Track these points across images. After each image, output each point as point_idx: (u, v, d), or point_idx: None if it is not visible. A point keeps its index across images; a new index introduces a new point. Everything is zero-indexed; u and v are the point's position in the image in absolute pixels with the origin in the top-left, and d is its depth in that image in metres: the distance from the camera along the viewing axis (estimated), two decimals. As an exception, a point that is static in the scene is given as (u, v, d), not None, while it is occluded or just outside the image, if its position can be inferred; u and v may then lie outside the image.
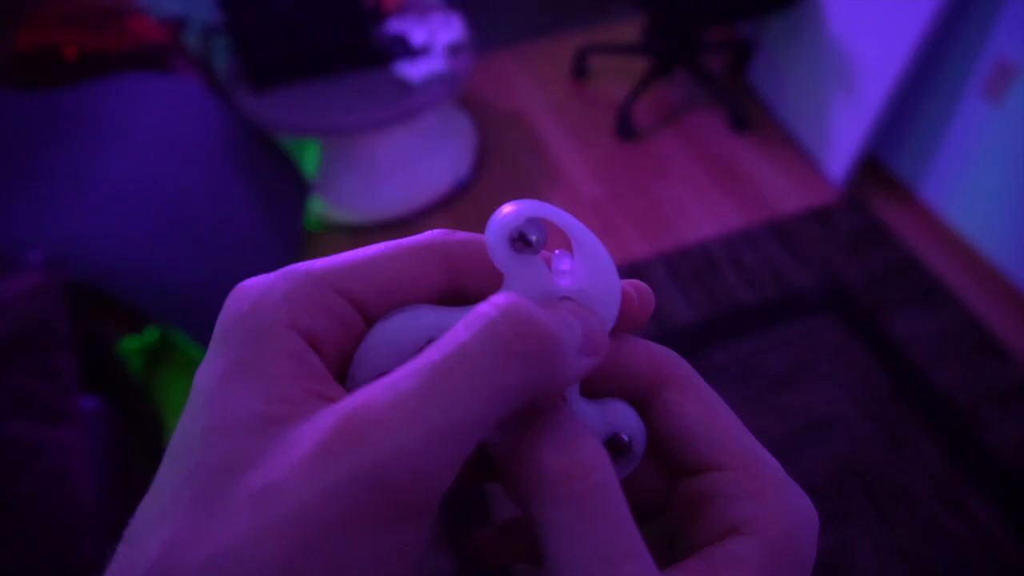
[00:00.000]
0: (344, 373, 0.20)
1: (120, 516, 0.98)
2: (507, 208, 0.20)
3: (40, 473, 0.87)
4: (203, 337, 1.32)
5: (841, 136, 1.96)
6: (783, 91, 2.19)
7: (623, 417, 0.21)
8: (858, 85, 1.87)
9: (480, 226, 0.22)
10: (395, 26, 1.78)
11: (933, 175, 1.89)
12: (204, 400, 0.17)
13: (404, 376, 0.16)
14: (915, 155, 1.93)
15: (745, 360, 1.49)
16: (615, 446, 0.21)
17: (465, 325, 0.17)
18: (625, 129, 2.16)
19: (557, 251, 0.21)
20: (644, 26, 2.29)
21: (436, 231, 0.21)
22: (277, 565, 0.15)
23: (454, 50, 1.77)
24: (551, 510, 0.17)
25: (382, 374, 0.18)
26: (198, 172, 1.45)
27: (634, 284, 0.22)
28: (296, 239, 1.74)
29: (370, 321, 0.20)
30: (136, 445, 1.18)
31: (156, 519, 0.16)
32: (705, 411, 0.21)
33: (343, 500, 0.15)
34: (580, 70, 2.36)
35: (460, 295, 0.21)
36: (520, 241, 0.19)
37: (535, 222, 0.20)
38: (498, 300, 0.17)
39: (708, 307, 1.62)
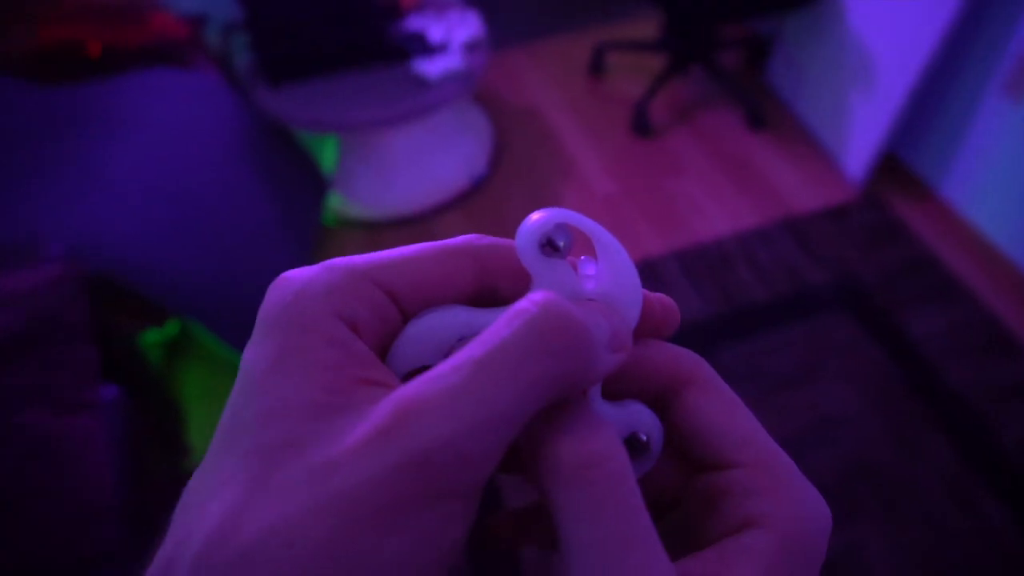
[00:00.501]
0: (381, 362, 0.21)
1: (137, 506, 1.00)
2: (537, 215, 0.21)
3: (58, 462, 0.89)
4: (220, 330, 1.34)
5: (860, 134, 1.95)
6: (801, 88, 2.18)
7: (642, 418, 0.22)
8: (878, 82, 1.86)
9: (494, 223, 0.23)
10: (412, 23, 1.79)
11: (953, 173, 1.87)
12: (256, 386, 0.18)
13: (451, 370, 0.17)
14: (935, 153, 1.91)
15: (758, 357, 1.48)
16: (633, 445, 0.22)
17: (506, 322, 0.18)
18: (641, 126, 2.16)
19: (583, 257, 0.23)
20: (661, 23, 2.28)
21: (469, 236, 0.22)
22: (329, 539, 0.16)
23: (471, 47, 1.78)
24: (566, 496, 0.18)
25: (417, 368, 0.20)
26: (217, 167, 1.47)
27: (659, 297, 0.23)
28: (313, 234, 1.76)
29: (405, 315, 0.21)
30: (154, 437, 1.20)
31: (213, 491, 0.17)
32: (724, 410, 0.21)
33: (394, 481, 0.16)
34: (596, 67, 2.36)
35: (490, 296, 0.22)
36: (548, 246, 0.21)
37: (562, 228, 0.21)
38: (536, 297, 0.18)
39: (721, 304, 1.62)
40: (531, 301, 0.18)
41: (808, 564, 0.19)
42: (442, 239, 0.22)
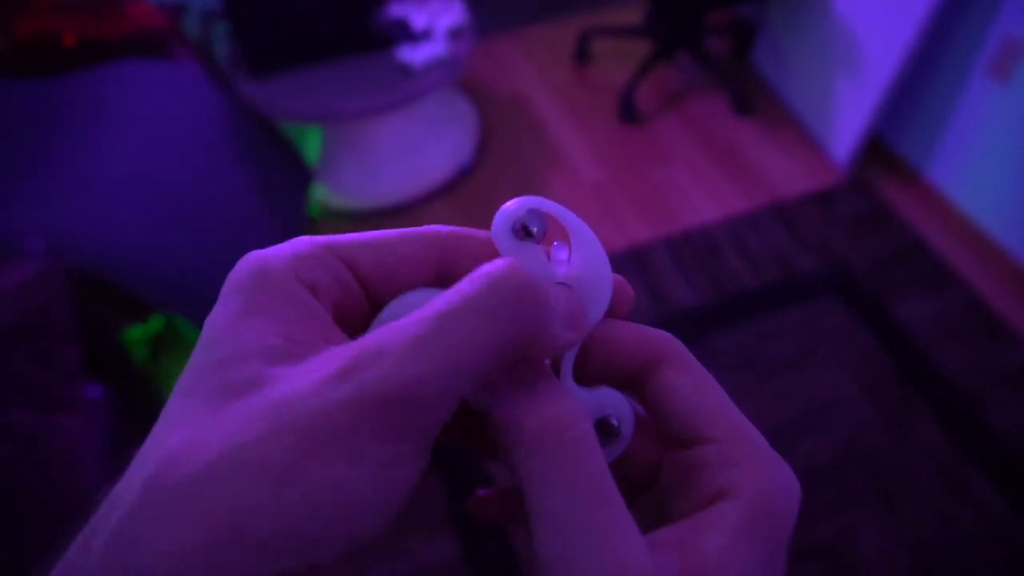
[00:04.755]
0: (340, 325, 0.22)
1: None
2: (511, 201, 0.22)
3: (43, 461, 0.87)
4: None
5: (845, 118, 1.95)
6: (787, 73, 2.17)
7: (613, 402, 0.23)
8: (863, 66, 1.85)
9: (481, 211, 0.24)
10: (395, 10, 1.77)
11: (939, 156, 1.87)
12: (216, 338, 0.19)
13: (414, 322, 0.18)
14: (920, 136, 1.92)
15: (748, 344, 1.48)
16: (605, 429, 0.22)
17: (470, 281, 0.19)
18: (627, 113, 2.15)
19: (556, 243, 0.23)
20: (646, 9, 2.27)
21: (433, 225, 0.23)
22: (287, 462, 0.16)
23: (455, 34, 1.76)
24: (530, 461, 0.19)
25: None
26: (198, 159, 1.45)
27: (615, 277, 0.24)
28: (298, 225, 1.74)
29: (368, 292, 0.22)
30: (140, 434, 1.18)
31: (172, 426, 0.18)
32: (696, 388, 0.22)
33: (349, 414, 0.17)
34: (582, 54, 2.35)
35: (449, 281, 0.23)
36: (522, 231, 0.22)
37: (536, 214, 0.22)
38: (499, 262, 0.19)
39: (711, 291, 1.62)
40: (495, 265, 0.19)
41: (777, 533, 0.20)
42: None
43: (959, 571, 1.19)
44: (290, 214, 1.71)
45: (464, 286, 0.19)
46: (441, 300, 0.18)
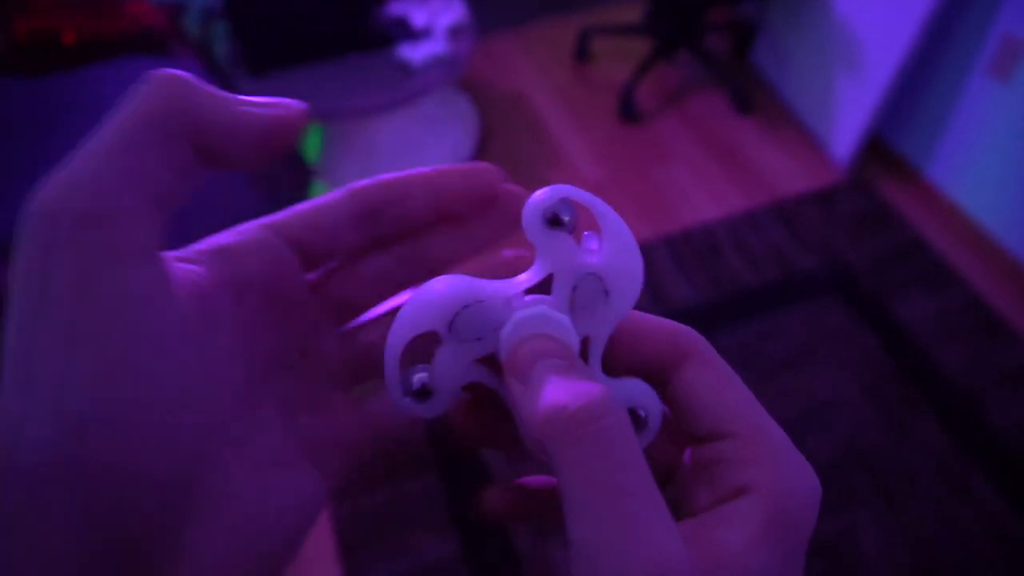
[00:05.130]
0: None
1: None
2: (542, 190, 0.22)
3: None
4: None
5: (846, 117, 1.94)
6: (787, 72, 2.17)
7: (641, 394, 0.23)
8: (863, 65, 1.85)
9: None
10: (395, 8, 1.77)
11: (939, 155, 1.87)
12: None
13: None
14: (921, 135, 1.92)
15: (748, 343, 1.48)
16: (632, 420, 0.22)
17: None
18: (627, 112, 2.15)
19: (586, 232, 0.23)
20: (646, 7, 2.26)
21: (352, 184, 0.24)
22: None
23: (455, 32, 1.75)
24: (565, 450, 0.18)
25: (420, 333, 0.21)
26: (198, 158, 1.45)
27: None
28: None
29: (307, 258, 0.23)
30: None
31: None
32: (719, 383, 0.22)
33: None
34: (582, 52, 2.34)
35: (388, 225, 0.24)
36: (552, 220, 0.21)
37: (567, 203, 0.22)
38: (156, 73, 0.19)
39: (710, 290, 1.61)
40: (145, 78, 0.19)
41: (796, 531, 0.20)
42: None
43: (959, 569, 1.19)
44: (290, 213, 1.71)
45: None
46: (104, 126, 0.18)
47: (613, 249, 0.22)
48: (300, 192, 1.80)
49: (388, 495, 1.36)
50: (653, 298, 1.63)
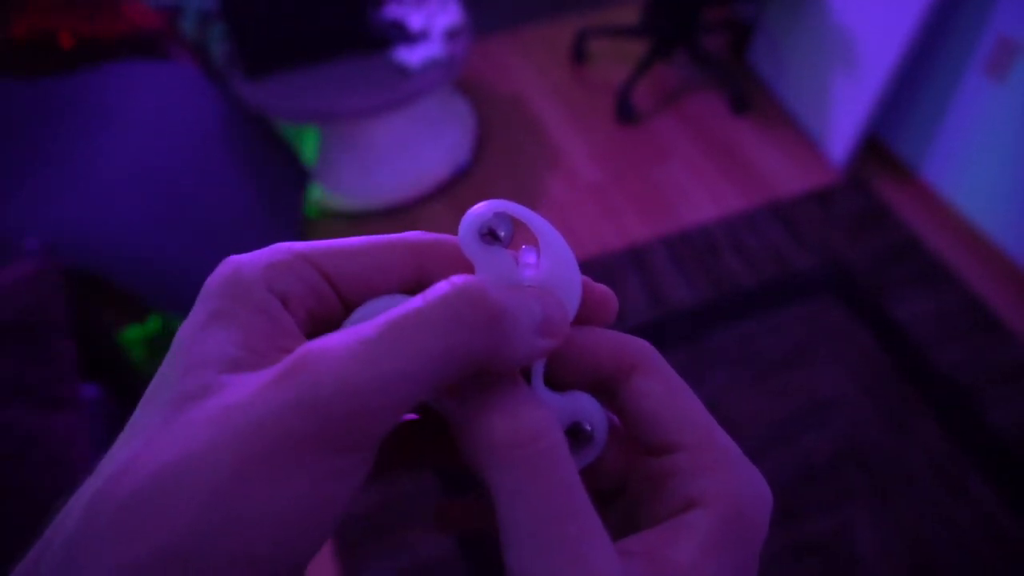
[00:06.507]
0: (312, 337, 0.21)
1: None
2: (478, 205, 0.22)
3: (39, 460, 0.87)
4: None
5: (842, 117, 1.95)
6: (784, 72, 2.17)
7: (586, 407, 0.22)
8: (859, 65, 1.85)
9: None
10: (392, 11, 1.77)
11: (935, 155, 1.88)
12: (182, 347, 0.19)
13: (361, 328, 0.18)
14: (917, 135, 1.92)
15: (746, 343, 1.48)
16: (578, 435, 0.22)
17: (423, 296, 0.18)
18: (625, 112, 2.15)
19: (524, 246, 0.23)
20: (643, 8, 2.27)
21: (413, 232, 0.23)
22: (225, 476, 0.16)
23: (452, 34, 1.76)
24: (501, 475, 0.18)
25: None
26: (195, 159, 1.44)
27: (598, 287, 0.23)
28: (295, 226, 1.74)
29: (344, 302, 0.22)
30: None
31: (128, 439, 0.17)
32: (668, 394, 0.22)
33: (289, 421, 0.16)
34: (579, 53, 2.35)
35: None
36: (489, 235, 0.22)
37: (502, 217, 0.22)
38: (456, 279, 0.19)
39: (709, 290, 1.62)
40: (449, 281, 0.19)
41: (747, 541, 0.20)
42: (425, 229, 0.23)
43: (956, 569, 1.19)
44: (287, 214, 1.71)
45: (417, 299, 0.18)
46: (396, 310, 0.18)
47: (551, 263, 0.22)
48: (298, 192, 1.80)
49: (384, 494, 1.36)
50: (653, 299, 1.63)
